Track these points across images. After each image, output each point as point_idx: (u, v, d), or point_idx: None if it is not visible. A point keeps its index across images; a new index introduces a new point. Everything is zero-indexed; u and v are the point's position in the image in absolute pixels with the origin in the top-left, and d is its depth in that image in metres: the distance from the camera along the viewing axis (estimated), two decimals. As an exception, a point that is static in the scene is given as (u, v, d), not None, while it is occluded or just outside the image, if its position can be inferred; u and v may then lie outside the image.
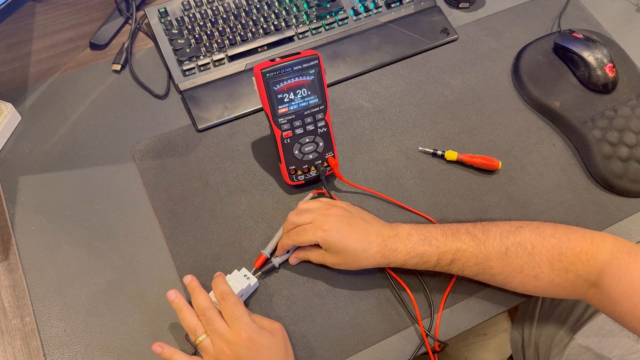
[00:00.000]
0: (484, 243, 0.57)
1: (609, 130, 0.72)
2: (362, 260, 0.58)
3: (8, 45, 0.77)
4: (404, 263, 0.58)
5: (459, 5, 0.84)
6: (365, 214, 0.62)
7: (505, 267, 0.57)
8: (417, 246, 0.58)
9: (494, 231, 0.58)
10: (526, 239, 0.57)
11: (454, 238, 0.58)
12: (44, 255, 0.63)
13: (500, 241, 0.57)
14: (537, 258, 0.56)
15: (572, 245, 0.56)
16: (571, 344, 0.69)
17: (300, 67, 0.60)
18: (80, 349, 0.59)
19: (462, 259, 0.58)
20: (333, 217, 0.59)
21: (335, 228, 0.58)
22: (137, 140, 0.71)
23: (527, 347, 0.79)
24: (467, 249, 0.57)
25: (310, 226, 0.59)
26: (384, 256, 0.58)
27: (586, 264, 0.55)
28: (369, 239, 0.58)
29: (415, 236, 0.58)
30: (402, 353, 0.60)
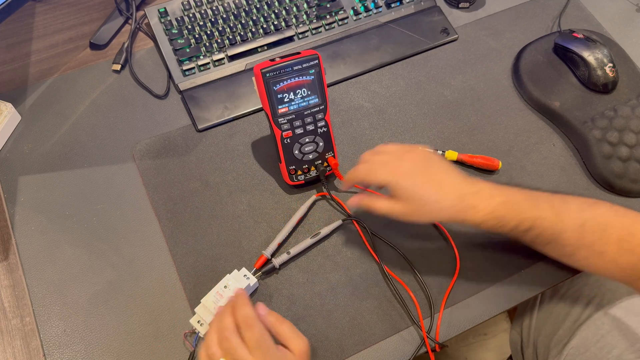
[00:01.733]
0: (563, 216, 0.56)
1: (609, 130, 0.72)
2: (433, 213, 0.56)
3: (8, 45, 0.77)
4: (480, 224, 0.56)
5: (459, 5, 0.84)
6: (445, 165, 0.58)
7: (577, 241, 0.56)
8: (498, 209, 0.55)
9: (572, 202, 0.57)
10: (602, 214, 0.56)
11: (534, 205, 0.56)
12: (44, 255, 0.63)
13: (578, 214, 0.56)
14: (608, 235, 0.55)
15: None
16: (570, 344, 0.69)
17: (300, 67, 0.60)
18: (80, 349, 0.59)
19: (540, 228, 0.56)
20: (409, 162, 0.56)
21: (409, 173, 0.55)
22: (137, 140, 0.71)
23: (526, 347, 0.80)
24: (546, 219, 0.56)
25: (383, 166, 0.56)
26: (459, 212, 0.55)
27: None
28: (444, 190, 0.55)
29: (498, 198, 0.56)
30: (402, 353, 0.60)
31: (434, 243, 0.66)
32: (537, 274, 0.65)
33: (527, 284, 0.64)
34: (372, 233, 0.66)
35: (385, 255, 0.65)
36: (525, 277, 0.65)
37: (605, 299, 0.70)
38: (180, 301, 0.61)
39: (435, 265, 0.65)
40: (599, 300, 0.70)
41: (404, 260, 0.65)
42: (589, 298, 0.71)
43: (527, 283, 0.64)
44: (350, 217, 0.67)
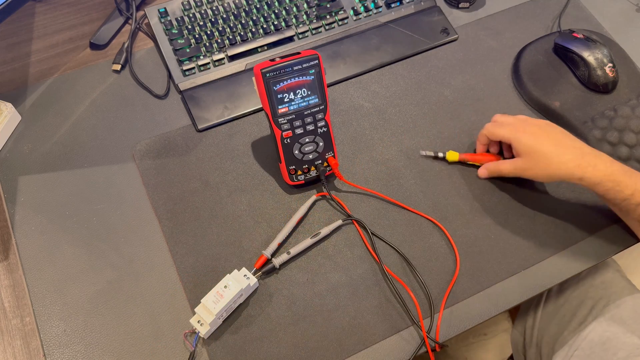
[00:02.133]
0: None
1: (609, 130, 0.72)
2: (553, 166, 0.60)
3: (8, 45, 0.77)
4: (598, 183, 0.59)
5: (459, 5, 0.84)
6: (566, 132, 0.64)
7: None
8: (616, 173, 0.59)
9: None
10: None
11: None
12: (44, 255, 0.63)
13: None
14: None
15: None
16: (575, 345, 0.69)
17: (300, 67, 0.60)
18: (80, 349, 0.59)
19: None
20: (532, 125, 0.63)
21: (530, 132, 0.62)
22: (137, 140, 0.71)
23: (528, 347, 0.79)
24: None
25: (507, 125, 0.64)
26: (579, 167, 0.59)
27: None
28: (564, 146, 0.60)
29: (617, 165, 0.60)
30: (402, 353, 0.60)
31: (434, 243, 0.66)
32: (537, 274, 0.65)
33: (528, 283, 0.64)
34: (372, 233, 0.66)
35: (385, 255, 0.65)
36: (526, 277, 0.65)
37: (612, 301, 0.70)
38: (180, 301, 0.61)
39: (435, 265, 0.65)
40: (605, 302, 0.70)
41: (404, 260, 0.65)
42: (595, 300, 0.71)
43: (527, 283, 0.64)
44: (350, 217, 0.67)
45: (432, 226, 0.67)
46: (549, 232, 0.67)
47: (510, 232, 0.67)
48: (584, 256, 0.66)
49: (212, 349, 0.59)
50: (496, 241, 0.67)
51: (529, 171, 0.62)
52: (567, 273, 0.65)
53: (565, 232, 0.67)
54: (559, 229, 0.67)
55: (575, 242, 0.67)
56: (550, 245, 0.67)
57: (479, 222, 0.68)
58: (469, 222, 0.68)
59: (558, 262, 0.66)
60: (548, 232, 0.67)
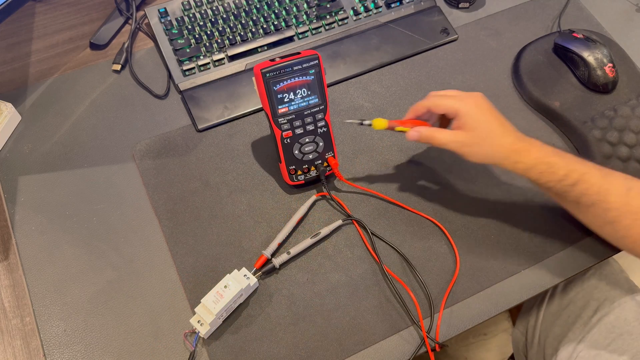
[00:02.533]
0: (609, 177, 0.58)
1: (609, 130, 0.72)
2: (494, 147, 0.58)
3: (8, 45, 0.77)
4: (532, 167, 0.58)
5: (459, 5, 0.84)
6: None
7: (622, 206, 0.57)
8: (549, 155, 0.58)
9: (618, 173, 0.59)
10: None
11: (583, 163, 0.59)
12: (44, 255, 0.63)
13: (624, 181, 0.58)
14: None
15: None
16: (580, 347, 0.69)
17: (300, 67, 0.60)
18: (80, 349, 0.59)
19: (587, 183, 0.57)
20: (479, 97, 0.60)
21: (479, 105, 0.59)
22: (137, 140, 0.71)
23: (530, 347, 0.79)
24: (594, 175, 0.58)
25: (454, 96, 0.60)
26: (515, 152, 0.58)
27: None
28: (506, 128, 0.59)
29: (549, 148, 0.59)
30: (402, 353, 0.60)
31: (434, 243, 0.66)
32: (537, 274, 0.65)
33: (528, 283, 0.64)
34: (372, 233, 0.66)
35: (385, 255, 0.65)
36: (526, 277, 0.65)
37: (616, 302, 0.70)
38: (180, 301, 0.61)
39: (435, 265, 0.65)
40: (610, 303, 0.70)
41: (404, 260, 0.65)
42: (599, 301, 0.71)
43: (527, 283, 0.64)
44: (350, 217, 0.67)
45: (432, 226, 0.67)
46: (549, 231, 0.67)
47: (510, 232, 0.67)
48: (584, 256, 0.66)
49: (212, 349, 0.59)
50: (496, 241, 0.67)
51: (468, 147, 0.58)
52: (567, 273, 0.65)
53: (566, 231, 0.67)
54: (559, 228, 0.67)
55: (576, 242, 0.67)
56: (551, 245, 0.67)
57: (479, 222, 0.68)
58: (469, 222, 0.68)
59: (558, 262, 0.66)
60: (548, 232, 0.67)
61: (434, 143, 0.60)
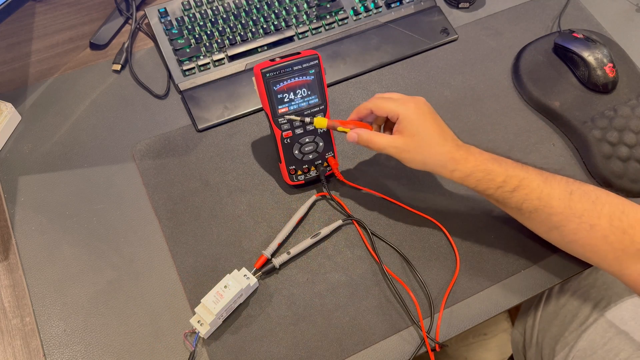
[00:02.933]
0: (550, 181, 0.57)
1: (609, 130, 0.72)
2: (432, 154, 0.58)
3: (8, 45, 0.77)
4: (469, 174, 0.58)
5: (459, 5, 0.84)
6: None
7: (565, 209, 0.56)
8: (486, 162, 0.58)
9: (559, 177, 0.58)
10: (591, 189, 0.57)
11: (522, 168, 0.58)
12: (44, 255, 0.63)
13: (566, 184, 0.57)
14: (599, 208, 0.56)
15: (635, 210, 0.55)
16: (576, 347, 0.69)
17: (300, 67, 0.60)
18: (80, 349, 0.59)
19: (527, 188, 0.57)
20: (420, 102, 0.60)
21: (420, 110, 0.58)
22: (137, 140, 0.71)
23: (528, 347, 0.79)
24: (534, 180, 0.57)
25: (395, 99, 0.59)
26: (453, 159, 0.58)
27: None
28: (446, 135, 0.59)
29: (486, 155, 0.59)
30: (402, 353, 0.60)
31: (434, 243, 0.66)
32: (537, 274, 0.65)
33: (527, 284, 0.64)
34: (372, 233, 0.66)
35: (385, 255, 0.65)
36: (526, 277, 0.65)
37: (613, 302, 0.70)
38: (180, 301, 0.62)
39: (435, 265, 0.65)
40: (606, 303, 0.70)
41: (404, 260, 0.65)
42: (596, 300, 0.71)
43: (527, 283, 0.64)
44: (350, 217, 0.67)
45: (432, 226, 0.67)
46: (549, 232, 0.67)
47: (510, 232, 0.67)
48: (584, 256, 0.66)
49: (212, 349, 0.59)
50: (496, 241, 0.67)
51: (406, 154, 0.58)
52: (567, 273, 0.65)
53: (565, 232, 0.67)
54: (559, 229, 0.67)
55: (575, 242, 0.67)
56: (551, 245, 0.66)
57: (479, 222, 0.68)
58: (469, 222, 0.68)
59: (558, 262, 0.66)
60: (548, 232, 0.67)
61: (372, 147, 0.60)
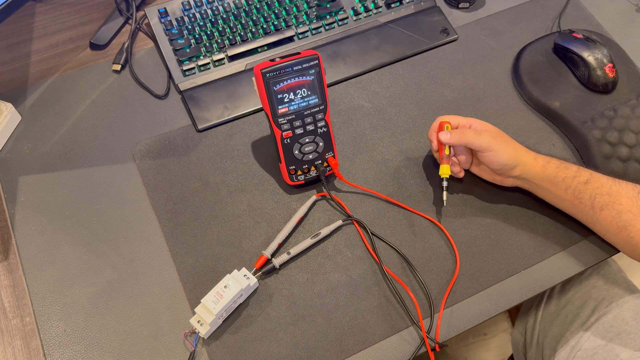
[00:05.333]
0: (617, 181, 0.61)
1: (608, 130, 0.72)
2: (513, 144, 0.63)
3: (8, 45, 0.77)
4: (549, 161, 0.63)
5: (459, 5, 0.84)
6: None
7: (634, 207, 0.58)
8: (556, 158, 0.64)
9: (626, 182, 0.61)
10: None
11: (587, 168, 0.63)
12: (44, 255, 0.63)
13: (633, 185, 0.60)
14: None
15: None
16: (577, 346, 0.69)
17: (300, 67, 0.60)
18: (80, 349, 0.59)
19: (597, 182, 0.60)
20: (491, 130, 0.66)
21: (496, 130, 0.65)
22: (137, 140, 0.71)
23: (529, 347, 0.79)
24: (602, 177, 0.61)
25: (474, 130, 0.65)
26: (532, 151, 0.64)
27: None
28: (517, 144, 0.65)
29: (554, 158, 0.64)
30: (402, 353, 0.60)
31: (434, 243, 0.66)
32: (537, 274, 0.65)
33: (528, 283, 0.64)
34: (372, 233, 0.66)
35: (385, 255, 0.65)
36: (526, 277, 0.65)
37: (614, 302, 0.70)
38: (180, 301, 0.62)
39: (435, 265, 0.65)
40: (608, 303, 0.70)
41: (404, 260, 0.65)
42: (597, 301, 0.71)
43: (527, 283, 0.64)
44: (350, 217, 0.67)
45: (432, 226, 0.67)
46: (549, 232, 0.67)
47: (510, 232, 0.67)
48: (584, 256, 0.66)
49: (212, 349, 0.59)
50: (496, 241, 0.67)
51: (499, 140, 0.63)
52: (567, 273, 0.65)
53: (565, 232, 0.67)
54: (558, 229, 0.67)
55: (575, 242, 0.67)
56: (550, 245, 0.67)
57: (479, 222, 0.68)
58: (469, 222, 0.68)
59: (558, 262, 0.66)
60: (548, 232, 0.67)
61: (465, 138, 0.64)
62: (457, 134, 0.64)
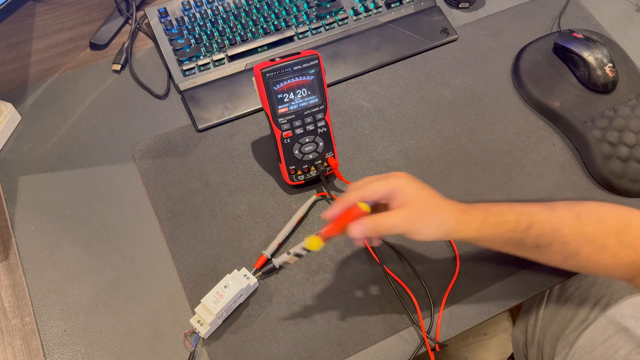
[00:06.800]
0: (555, 211, 0.56)
1: (608, 130, 0.72)
2: (441, 210, 0.54)
3: (8, 45, 0.77)
4: (485, 221, 0.55)
5: (459, 5, 0.84)
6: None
7: (577, 236, 0.56)
8: (493, 206, 0.56)
9: (558, 203, 0.58)
10: (593, 207, 0.57)
11: (525, 204, 0.57)
12: (44, 255, 0.63)
13: (570, 209, 0.57)
14: (605, 227, 0.55)
15: (638, 222, 0.55)
16: (576, 344, 0.69)
17: (300, 67, 0.60)
18: (80, 349, 0.59)
19: (539, 223, 0.55)
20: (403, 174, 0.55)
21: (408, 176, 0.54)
22: (137, 140, 0.71)
23: (529, 346, 0.79)
24: (542, 213, 0.56)
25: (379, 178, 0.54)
26: (463, 210, 0.54)
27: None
28: (440, 195, 0.55)
29: (491, 204, 0.57)
30: (402, 353, 0.60)
31: (434, 243, 0.66)
32: (537, 274, 0.65)
33: (527, 283, 0.64)
34: (372, 233, 0.66)
35: (385, 255, 0.65)
36: (526, 277, 0.65)
37: (613, 299, 0.70)
38: (180, 301, 0.62)
39: (435, 265, 0.65)
40: (607, 300, 0.70)
41: (404, 260, 0.65)
42: (596, 298, 0.71)
43: (527, 283, 0.64)
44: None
45: (432, 226, 0.67)
46: (549, 232, 0.67)
47: (510, 232, 0.67)
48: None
49: (212, 349, 0.59)
50: (496, 241, 0.67)
51: (419, 220, 0.53)
52: (567, 272, 0.65)
53: (565, 232, 0.67)
54: (559, 229, 0.67)
55: (575, 242, 0.67)
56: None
57: (479, 222, 0.68)
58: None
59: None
60: (548, 232, 0.67)
61: (381, 230, 0.52)
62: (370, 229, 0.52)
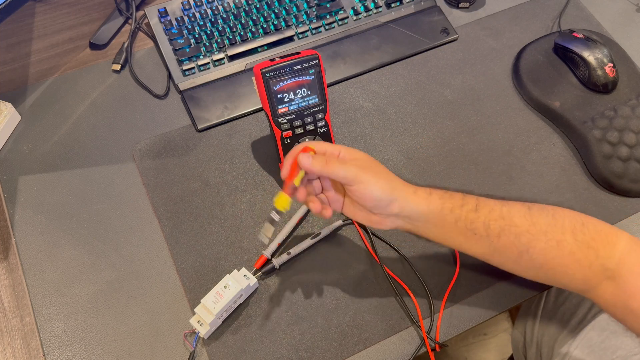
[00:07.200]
0: (505, 202, 0.55)
1: (609, 130, 0.72)
2: (389, 174, 0.54)
3: (8, 45, 0.77)
4: (431, 192, 0.54)
5: (459, 5, 0.84)
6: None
7: (530, 226, 0.53)
8: (439, 189, 0.55)
9: (512, 201, 0.55)
10: (546, 205, 0.55)
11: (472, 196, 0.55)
12: (44, 255, 0.63)
13: (522, 203, 0.55)
14: (560, 223, 0.53)
15: (592, 222, 0.54)
16: (574, 344, 0.69)
17: (300, 66, 0.60)
18: (80, 349, 0.59)
19: (487, 207, 0.53)
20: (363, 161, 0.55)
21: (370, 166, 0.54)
22: (137, 140, 0.71)
23: (529, 347, 0.80)
24: (489, 200, 0.54)
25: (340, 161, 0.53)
26: (409, 184, 0.54)
27: (606, 246, 0.52)
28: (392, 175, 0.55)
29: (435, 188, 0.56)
30: (402, 353, 0.60)
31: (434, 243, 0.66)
32: (537, 274, 0.65)
33: (527, 283, 0.64)
34: (372, 233, 0.66)
35: (385, 255, 0.65)
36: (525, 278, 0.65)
37: None
38: (180, 301, 0.62)
39: (435, 265, 0.65)
40: None
41: (404, 260, 0.65)
42: None
43: (527, 283, 0.64)
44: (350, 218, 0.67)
45: (432, 226, 0.67)
46: (549, 232, 0.67)
47: (510, 232, 0.67)
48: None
49: (212, 349, 0.59)
50: (496, 241, 0.66)
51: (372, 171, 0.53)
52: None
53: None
54: (559, 229, 0.67)
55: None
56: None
57: (479, 222, 0.68)
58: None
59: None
60: (548, 232, 0.67)
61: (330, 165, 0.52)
62: (319, 161, 0.52)
